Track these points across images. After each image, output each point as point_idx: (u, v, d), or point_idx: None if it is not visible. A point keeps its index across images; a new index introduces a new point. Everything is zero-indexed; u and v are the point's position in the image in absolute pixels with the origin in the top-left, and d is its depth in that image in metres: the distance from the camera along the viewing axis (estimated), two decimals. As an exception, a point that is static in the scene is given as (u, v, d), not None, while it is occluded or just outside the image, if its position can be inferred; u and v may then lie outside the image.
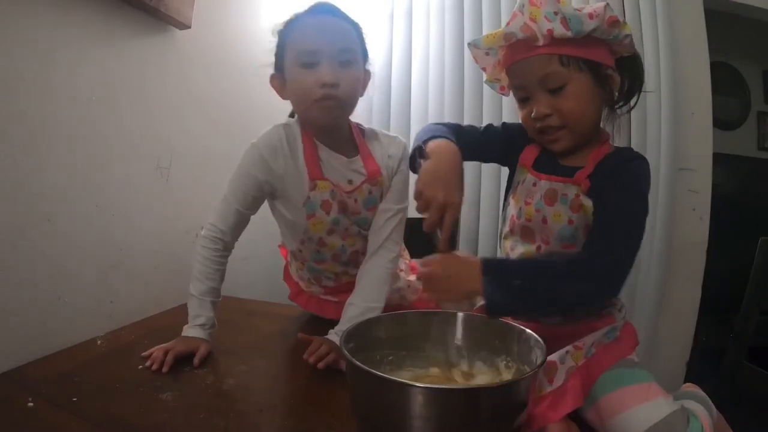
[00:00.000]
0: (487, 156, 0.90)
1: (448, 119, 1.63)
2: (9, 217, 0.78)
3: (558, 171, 0.75)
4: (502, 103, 1.59)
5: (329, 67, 0.80)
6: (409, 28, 1.68)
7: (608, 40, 0.71)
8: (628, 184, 0.70)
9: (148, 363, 0.78)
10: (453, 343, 0.69)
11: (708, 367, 1.29)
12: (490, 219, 1.60)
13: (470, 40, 0.79)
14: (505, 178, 0.88)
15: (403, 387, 0.50)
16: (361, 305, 0.86)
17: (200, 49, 1.17)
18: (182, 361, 0.79)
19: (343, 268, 0.97)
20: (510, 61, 0.75)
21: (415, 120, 1.68)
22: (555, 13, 0.67)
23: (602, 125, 0.78)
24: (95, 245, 0.94)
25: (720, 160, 1.59)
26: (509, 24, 0.71)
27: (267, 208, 0.94)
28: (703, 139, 1.53)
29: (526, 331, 0.64)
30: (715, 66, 1.56)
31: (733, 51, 2.64)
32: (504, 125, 0.86)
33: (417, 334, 0.69)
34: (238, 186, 0.87)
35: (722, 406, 0.75)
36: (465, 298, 0.69)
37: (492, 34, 0.75)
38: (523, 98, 0.76)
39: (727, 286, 1.42)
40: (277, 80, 0.88)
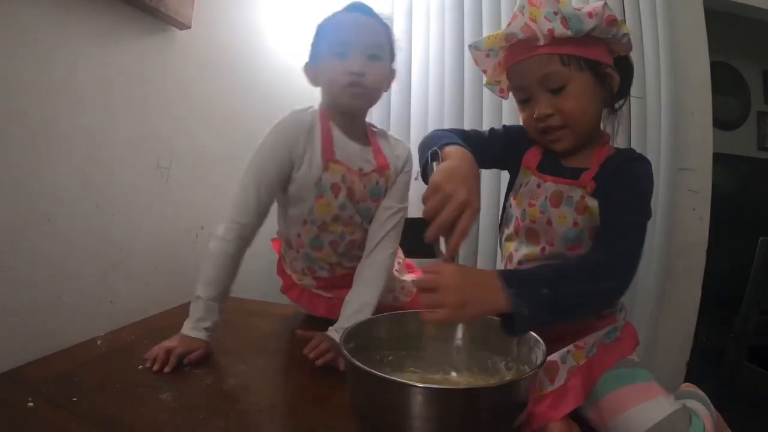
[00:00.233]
0: (488, 161, 0.84)
1: (447, 120, 1.63)
2: (9, 217, 0.78)
3: (563, 173, 0.75)
4: (502, 104, 1.58)
5: (357, 58, 0.87)
6: (409, 28, 1.68)
7: (607, 39, 0.71)
8: (629, 184, 0.71)
9: (149, 363, 0.78)
10: (453, 343, 0.69)
11: (708, 367, 1.29)
12: (490, 219, 1.60)
13: (471, 42, 0.80)
14: (505, 178, 0.88)
15: (403, 387, 0.50)
16: (359, 301, 0.88)
17: (200, 49, 1.17)
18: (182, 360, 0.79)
19: (338, 258, 0.99)
20: (510, 62, 0.75)
21: (415, 120, 1.67)
22: (555, 13, 0.67)
23: (602, 126, 0.78)
24: (95, 245, 0.93)
25: (720, 160, 1.58)
26: (510, 25, 0.72)
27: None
28: (703, 139, 1.53)
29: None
30: (715, 66, 1.56)
31: (733, 51, 2.64)
32: (505, 128, 0.86)
33: (417, 334, 0.69)
34: (261, 168, 0.89)
35: (722, 406, 0.75)
36: (484, 315, 0.61)
37: (493, 36, 0.75)
38: (523, 99, 0.76)
39: (727, 286, 1.42)
40: (309, 68, 0.95)
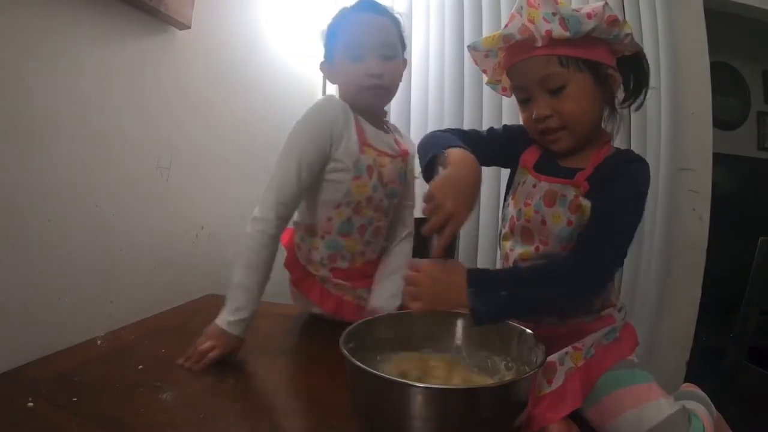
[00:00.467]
0: (488, 160, 0.85)
1: (447, 120, 1.63)
2: (9, 217, 0.78)
3: (558, 172, 0.75)
4: (502, 103, 1.59)
5: (374, 60, 0.92)
6: (409, 28, 1.68)
7: (608, 39, 0.71)
8: (623, 186, 0.70)
9: (182, 360, 0.78)
10: (453, 343, 0.69)
11: (708, 367, 1.29)
12: (490, 219, 1.60)
13: (470, 43, 0.79)
14: (504, 178, 0.88)
15: (403, 387, 0.50)
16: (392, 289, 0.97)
17: (200, 49, 1.17)
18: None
19: (362, 247, 1.01)
20: (509, 62, 0.75)
21: (415, 120, 1.68)
22: (553, 13, 0.67)
23: (603, 126, 0.78)
24: (95, 245, 0.93)
25: (720, 160, 1.59)
26: (507, 25, 0.71)
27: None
28: (703, 139, 1.53)
29: (526, 332, 0.64)
30: (715, 66, 1.56)
31: (733, 51, 2.64)
32: (505, 127, 0.86)
33: (417, 334, 0.69)
34: (302, 147, 0.90)
35: (722, 406, 0.75)
36: (452, 309, 0.69)
37: (491, 36, 0.75)
38: (523, 99, 0.76)
39: (727, 286, 1.42)
40: (326, 68, 1.00)
